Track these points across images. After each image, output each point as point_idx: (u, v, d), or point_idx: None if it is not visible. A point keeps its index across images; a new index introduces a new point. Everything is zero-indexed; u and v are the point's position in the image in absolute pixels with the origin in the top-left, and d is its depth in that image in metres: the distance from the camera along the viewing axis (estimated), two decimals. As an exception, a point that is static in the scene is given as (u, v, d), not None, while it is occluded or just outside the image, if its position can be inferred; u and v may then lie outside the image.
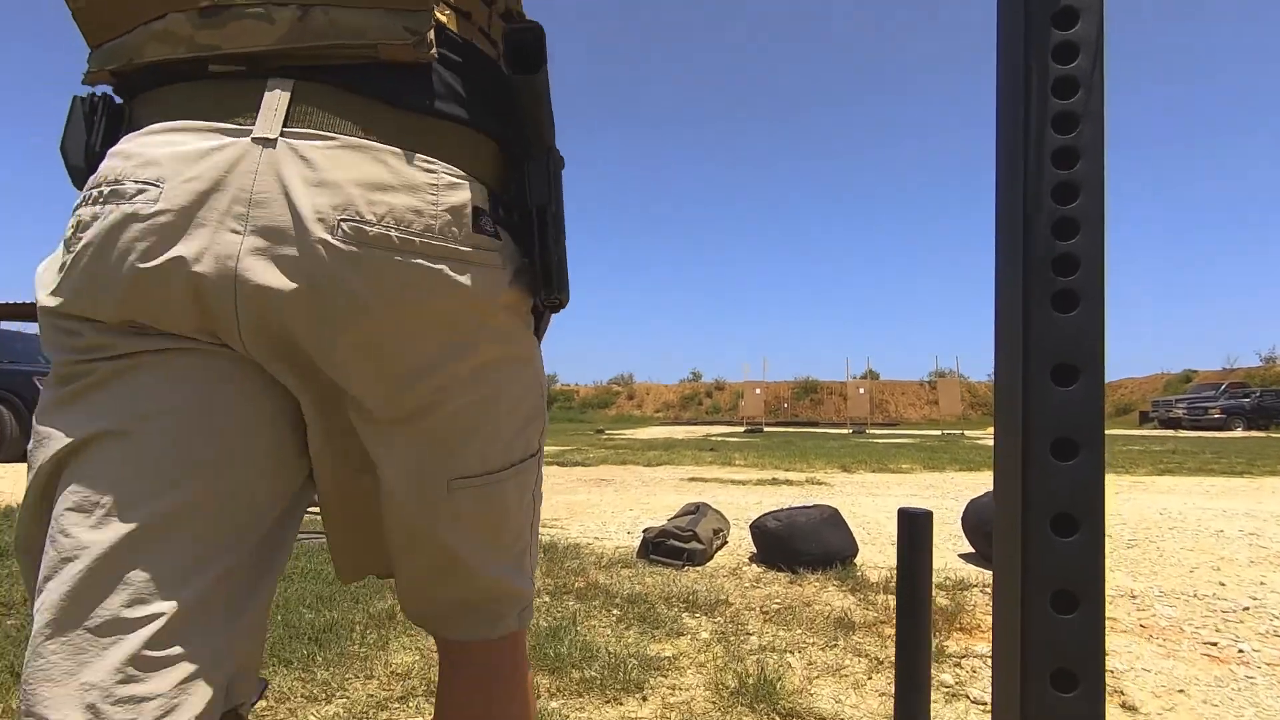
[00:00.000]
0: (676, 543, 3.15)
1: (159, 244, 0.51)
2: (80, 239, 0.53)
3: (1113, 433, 20.47)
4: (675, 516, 3.65)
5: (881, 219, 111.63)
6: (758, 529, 3.18)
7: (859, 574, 2.96)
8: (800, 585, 2.82)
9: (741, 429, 22.88)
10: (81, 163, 0.58)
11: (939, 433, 20.23)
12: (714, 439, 15.38)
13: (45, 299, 0.55)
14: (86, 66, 0.58)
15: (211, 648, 0.53)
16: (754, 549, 3.28)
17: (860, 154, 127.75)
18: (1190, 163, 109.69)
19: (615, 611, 2.45)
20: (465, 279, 0.56)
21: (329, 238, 0.51)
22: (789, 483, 6.56)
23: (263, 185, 0.51)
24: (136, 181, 0.52)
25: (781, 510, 3.23)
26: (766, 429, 23.10)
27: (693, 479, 6.94)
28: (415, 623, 0.70)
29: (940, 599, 2.52)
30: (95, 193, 0.53)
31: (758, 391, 25.46)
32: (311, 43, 0.53)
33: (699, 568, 3.11)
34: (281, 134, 0.52)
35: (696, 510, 3.61)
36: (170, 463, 0.52)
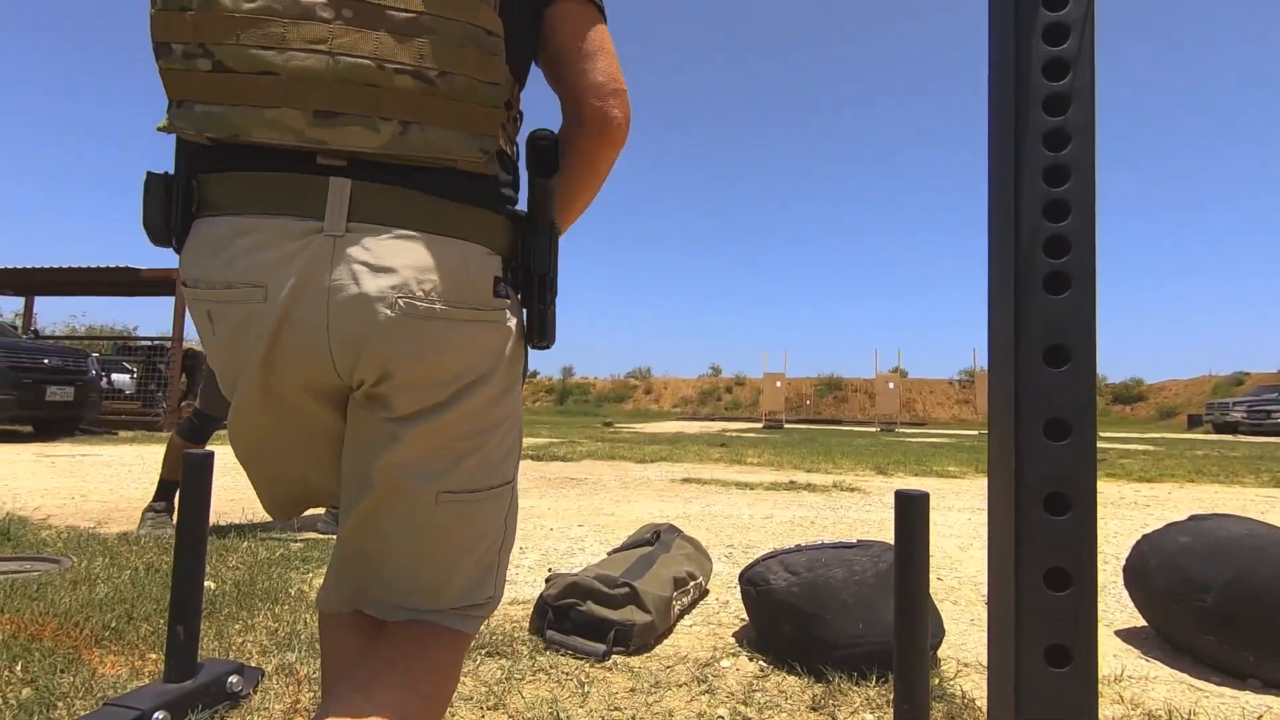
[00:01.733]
0: (599, 609, 1.70)
1: (276, 331, 0.67)
2: (216, 332, 0.71)
3: (1170, 436, 18.59)
4: (619, 548, 2.20)
5: (910, 212, 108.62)
6: (755, 587, 1.71)
7: (951, 688, 1.50)
8: (834, 717, 1.38)
9: (760, 425, 21.32)
10: (164, 236, 0.71)
11: (975, 432, 18.51)
12: (728, 434, 13.86)
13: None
14: (166, 117, 0.67)
15: None
16: (745, 615, 1.83)
17: (891, 144, 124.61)
18: (1212, 160, 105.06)
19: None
20: (487, 332, 0.73)
21: (390, 313, 0.66)
22: (811, 488, 5.07)
23: (338, 275, 0.65)
24: (245, 284, 0.67)
25: (799, 552, 1.74)
26: (787, 425, 21.48)
27: (687, 480, 5.47)
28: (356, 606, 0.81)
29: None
30: (218, 294, 0.68)
31: (779, 385, 23.64)
32: (407, 152, 0.66)
33: (637, 658, 1.67)
34: (347, 229, 0.66)
35: (654, 540, 2.16)
36: None
